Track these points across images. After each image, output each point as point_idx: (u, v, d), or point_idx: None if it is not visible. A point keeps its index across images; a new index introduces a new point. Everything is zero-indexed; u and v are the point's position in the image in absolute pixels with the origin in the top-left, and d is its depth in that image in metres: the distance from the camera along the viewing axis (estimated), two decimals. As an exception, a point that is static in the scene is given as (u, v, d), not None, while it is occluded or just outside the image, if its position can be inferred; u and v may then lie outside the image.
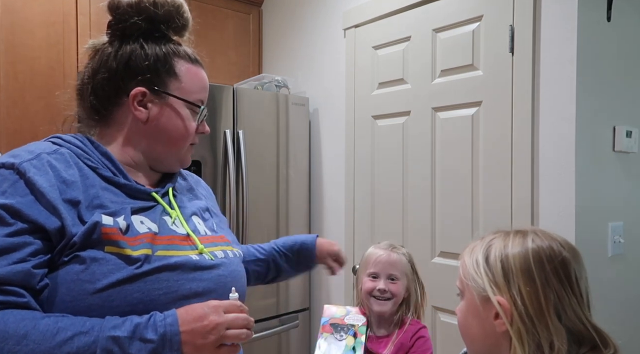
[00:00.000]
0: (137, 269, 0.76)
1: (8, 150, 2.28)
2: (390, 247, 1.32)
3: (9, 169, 0.76)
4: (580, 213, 1.54)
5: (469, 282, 0.75)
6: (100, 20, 2.25)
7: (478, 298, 0.74)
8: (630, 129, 1.68)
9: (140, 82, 0.87)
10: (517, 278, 0.70)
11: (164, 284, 0.78)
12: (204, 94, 0.93)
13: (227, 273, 0.88)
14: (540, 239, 0.74)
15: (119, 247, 0.76)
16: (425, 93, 1.97)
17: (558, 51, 1.57)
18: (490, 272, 0.73)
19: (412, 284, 1.31)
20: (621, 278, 1.68)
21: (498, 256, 0.73)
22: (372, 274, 1.29)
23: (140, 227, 0.81)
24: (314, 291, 2.52)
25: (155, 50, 0.88)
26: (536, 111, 1.62)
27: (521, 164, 1.65)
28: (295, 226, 2.43)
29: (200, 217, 0.95)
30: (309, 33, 2.55)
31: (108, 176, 0.83)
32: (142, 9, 0.88)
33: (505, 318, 0.69)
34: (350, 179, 2.30)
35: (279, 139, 2.38)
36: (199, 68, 0.93)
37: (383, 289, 1.26)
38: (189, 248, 0.85)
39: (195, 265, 0.83)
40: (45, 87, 2.15)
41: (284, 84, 2.49)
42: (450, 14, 1.87)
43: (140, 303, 0.75)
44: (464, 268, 0.77)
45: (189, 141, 0.93)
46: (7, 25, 2.05)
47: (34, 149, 0.80)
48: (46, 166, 0.77)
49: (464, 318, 0.78)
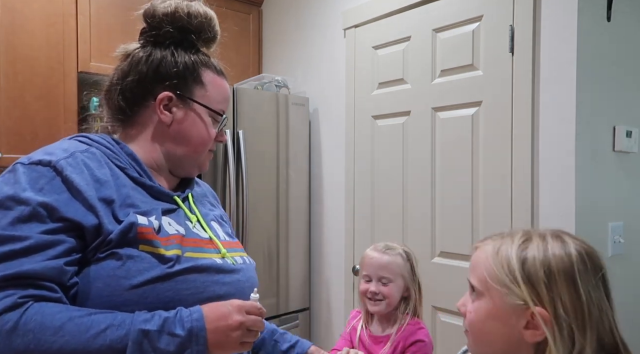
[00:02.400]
0: (169, 268, 0.78)
1: (8, 150, 2.28)
2: (385, 248, 1.33)
3: (45, 166, 0.77)
4: (580, 213, 1.54)
5: (497, 286, 0.70)
6: (101, 20, 2.26)
7: (509, 305, 0.68)
8: (630, 129, 1.68)
9: (167, 87, 0.91)
10: (561, 287, 0.66)
11: (192, 285, 0.80)
12: (225, 104, 0.98)
13: (245, 278, 0.91)
14: (579, 243, 0.71)
15: (153, 247, 0.78)
16: (425, 93, 1.97)
17: (558, 51, 1.57)
18: (530, 281, 0.67)
19: (411, 283, 1.31)
20: (621, 278, 1.68)
21: (539, 262, 0.68)
22: (366, 277, 1.32)
23: (169, 228, 0.84)
24: (314, 291, 2.52)
25: (185, 58, 0.92)
26: (536, 111, 1.62)
27: (521, 164, 1.66)
28: (296, 226, 2.43)
29: (217, 223, 0.99)
30: (308, 33, 2.55)
31: (135, 177, 0.86)
32: (176, 18, 0.92)
33: (548, 331, 0.65)
34: (350, 179, 2.30)
35: (279, 139, 2.38)
36: (223, 80, 0.98)
37: (374, 292, 1.29)
38: (213, 251, 0.89)
39: (219, 268, 0.86)
40: (45, 87, 2.15)
41: (284, 84, 2.49)
42: (450, 14, 1.87)
43: (171, 301, 0.77)
44: (490, 269, 0.71)
45: (209, 146, 0.97)
46: (7, 25, 2.05)
47: (67, 148, 0.82)
48: (81, 164, 0.79)
49: (482, 320, 0.73)
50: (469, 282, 0.76)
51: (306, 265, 2.50)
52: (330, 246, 2.42)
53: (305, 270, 2.49)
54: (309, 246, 2.52)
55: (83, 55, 2.22)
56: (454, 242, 1.88)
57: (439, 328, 1.93)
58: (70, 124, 2.22)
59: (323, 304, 2.46)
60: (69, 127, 2.21)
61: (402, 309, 1.31)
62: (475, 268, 0.75)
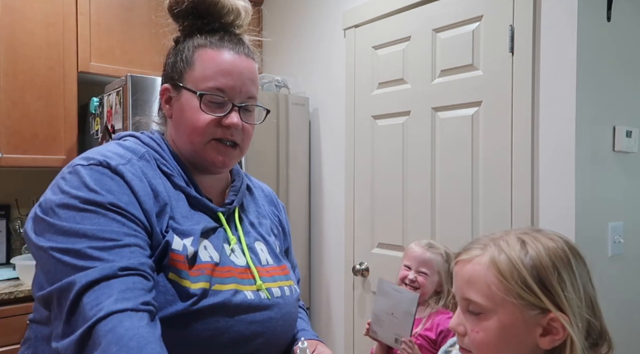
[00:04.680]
0: (192, 306, 0.72)
1: (8, 150, 2.28)
2: (427, 246, 1.52)
3: (106, 167, 0.73)
4: (580, 213, 1.54)
5: (511, 298, 0.65)
6: (101, 20, 2.26)
7: (526, 315, 0.65)
8: (630, 129, 1.68)
9: (166, 79, 0.88)
10: (568, 283, 0.65)
11: (214, 326, 0.74)
12: (221, 79, 0.82)
13: (279, 315, 0.83)
14: (559, 235, 0.70)
15: (179, 277, 0.73)
16: (425, 93, 1.97)
17: (558, 51, 1.57)
18: (544, 285, 0.65)
19: (447, 281, 1.45)
20: (621, 278, 1.68)
21: (545, 262, 0.65)
22: (407, 266, 1.50)
23: (203, 254, 0.78)
24: (313, 290, 2.52)
25: (187, 43, 0.85)
26: (536, 111, 1.62)
27: (521, 164, 1.66)
28: (295, 226, 2.43)
29: (264, 242, 0.91)
30: (309, 33, 2.55)
31: (181, 186, 0.81)
32: (181, 8, 0.86)
33: (572, 331, 0.63)
34: (350, 179, 2.30)
35: (279, 139, 2.39)
36: (220, 50, 0.84)
37: (412, 279, 1.47)
38: (247, 283, 0.81)
39: (249, 305, 0.79)
40: (45, 87, 2.15)
41: (284, 84, 2.49)
42: (450, 14, 1.87)
43: (185, 341, 0.72)
44: (496, 282, 0.66)
45: (204, 135, 0.83)
46: (7, 25, 2.05)
47: (123, 154, 0.77)
48: (139, 172, 0.76)
49: (494, 339, 0.66)
50: (465, 300, 0.70)
51: (306, 265, 2.50)
52: (330, 245, 2.42)
53: (305, 270, 2.49)
54: (309, 245, 2.52)
55: (83, 55, 2.22)
56: (453, 242, 1.87)
57: (439, 328, 1.93)
58: (70, 124, 2.22)
59: (323, 304, 2.46)
60: (69, 127, 2.22)
61: (435, 299, 1.46)
62: (475, 283, 0.68)
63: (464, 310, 0.70)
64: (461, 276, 0.71)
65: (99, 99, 2.22)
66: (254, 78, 0.88)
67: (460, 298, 0.71)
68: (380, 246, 2.16)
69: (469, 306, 0.69)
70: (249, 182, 1.02)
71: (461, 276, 0.71)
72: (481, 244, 0.71)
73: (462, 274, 0.70)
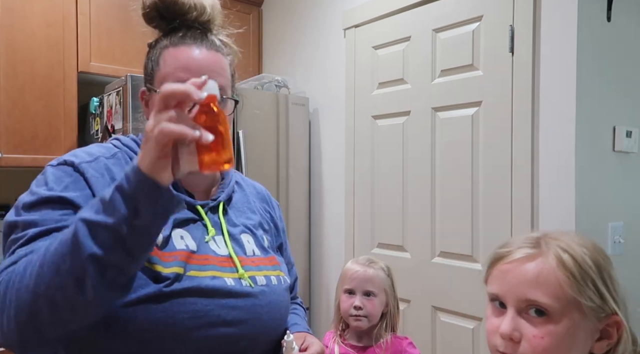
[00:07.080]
0: (165, 287, 0.73)
1: (8, 150, 2.28)
2: (368, 262, 1.32)
3: (69, 166, 0.79)
4: (580, 213, 1.54)
5: (584, 300, 0.61)
6: (101, 20, 2.26)
7: (593, 317, 0.62)
8: (630, 129, 1.68)
9: (144, 82, 0.89)
10: (618, 288, 0.63)
11: (191, 308, 0.74)
12: (180, 74, 0.79)
13: (264, 303, 0.83)
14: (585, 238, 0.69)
15: (150, 263, 0.74)
16: (425, 93, 1.97)
17: (558, 51, 1.57)
18: (607, 287, 0.63)
19: (391, 299, 1.31)
20: (621, 278, 1.68)
21: (603, 263, 0.63)
22: (348, 290, 1.29)
23: (179, 242, 0.79)
24: (313, 291, 2.52)
25: (156, 46, 0.86)
26: (536, 111, 1.62)
27: (521, 164, 1.65)
28: (296, 226, 2.43)
29: (250, 234, 0.91)
30: (309, 33, 2.55)
31: None
32: (148, 13, 0.87)
33: (627, 335, 0.62)
34: (350, 179, 2.30)
35: (279, 139, 2.38)
36: (178, 47, 0.83)
37: (358, 306, 1.26)
38: (228, 270, 0.81)
39: (229, 291, 0.79)
40: (45, 87, 2.15)
41: (284, 84, 2.49)
42: (450, 14, 1.87)
43: (161, 323, 0.72)
44: (568, 282, 0.61)
45: None
46: (7, 26, 2.05)
47: (94, 152, 0.83)
48: (102, 169, 0.80)
49: (561, 344, 0.61)
50: (526, 301, 0.63)
51: (306, 265, 2.50)
52: (330, 245, 2.42)
53: (305, 270, 2.49)
54: (309, 245, 2.52)
55: (83, 55, 2.22)
56: (454, 242, 1.88)
57: (439, 328, 1.92)
58: (70, 124, 2.22)
59: (323, 304, 2.46)
60: (68, 127, 2.22)
61: (384, 326, 1.29)
62: (543, 283, 0.62)
63: (520, 314, 0.64)
64: (521, 275, 0.64)
65: (99, 99, 2.22)
66: (219, 70, 0.84)
67: (516, 299, 0.64)
68: (380, 246, 2.16)
69: (531, 308, 0.63)
70: (240, 179, 1.02)
71: (521, 275, 0.64)
72: (529, 243, 0.66)
73: (523, 273, 0.63)
